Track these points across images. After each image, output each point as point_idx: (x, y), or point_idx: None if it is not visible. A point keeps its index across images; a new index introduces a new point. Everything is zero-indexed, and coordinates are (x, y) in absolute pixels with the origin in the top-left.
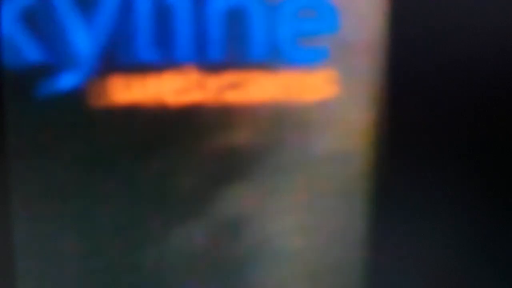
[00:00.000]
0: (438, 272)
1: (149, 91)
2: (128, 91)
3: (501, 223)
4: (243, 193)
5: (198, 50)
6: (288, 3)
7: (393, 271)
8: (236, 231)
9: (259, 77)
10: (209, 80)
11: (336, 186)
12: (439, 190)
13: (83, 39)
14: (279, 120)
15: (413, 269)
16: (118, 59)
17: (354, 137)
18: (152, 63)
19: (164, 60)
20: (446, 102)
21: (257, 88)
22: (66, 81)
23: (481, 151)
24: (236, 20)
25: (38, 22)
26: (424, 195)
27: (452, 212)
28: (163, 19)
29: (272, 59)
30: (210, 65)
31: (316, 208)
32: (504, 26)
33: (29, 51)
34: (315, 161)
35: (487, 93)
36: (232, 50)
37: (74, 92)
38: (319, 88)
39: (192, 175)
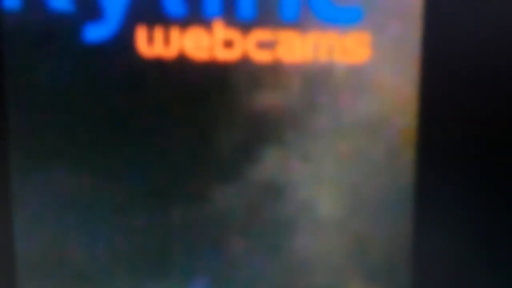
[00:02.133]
0: (479, 248)
1: (175, 47)
2: (154, 45)
3: None
4: (278, 156)
5: (226, 7)
6: None
7: (436, 241)
8: (274, 195)
9: (290, 38)
10: (237, 38)
11: (372, 152)
12: (480, 159)
13: None
14: (311, 83)
15: (455, 238)
16: (144, 12)
17: (388, 102)
18: (179, 18)
19: (191, 15)
20: (480, 71)
21: (287, 49)
22: (92, 33)
23: None
24: None
25: None
26: (466, 160)
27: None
28: None
29: (304, 18)
30: (238, 22)
31: (355, 175)
32: None
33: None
34: (350, 126)
35: None
36: (262, 8)
37: (99, 45)
38: (352, 51)
39: (222, 137)
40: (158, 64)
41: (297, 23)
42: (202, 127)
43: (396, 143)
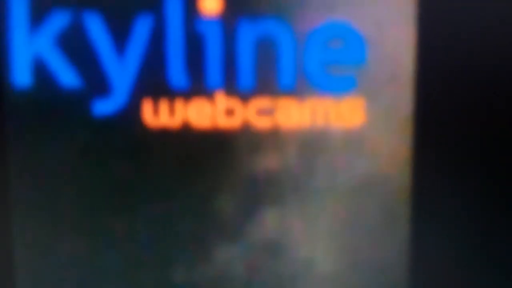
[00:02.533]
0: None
1: (179, 117)
2: (159, 117)
3: None
4: (277, 217)
5: (227, 78)
6: (317, 33)
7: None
8: (274, 254)
9: (287, 105)
10: (238, 107)
11: (368, 211)
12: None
13: (116, 66)
14: (308, 147)
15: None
16: (149, 85)
17: (382, 162)
18: (183, 90)
19: (195, 87)
20: (474, 129)
21: (285, 116)
22: (100, 107)
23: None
24: (265, 48)
25: (72, 48)
26: (460, 213)
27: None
28: (194, 47)
29: (301, 87)
30: (239, 92)
31: (352, 233)
32: None
33: (64, 76)
34: (345, 186)
35: None
36: (261, 78)
37: (107, 118)
38: (347, 116)
39: (223, 200)
40: (164, 134)
41: (294, 91)
42: (205, 191)
43: (392, 202)
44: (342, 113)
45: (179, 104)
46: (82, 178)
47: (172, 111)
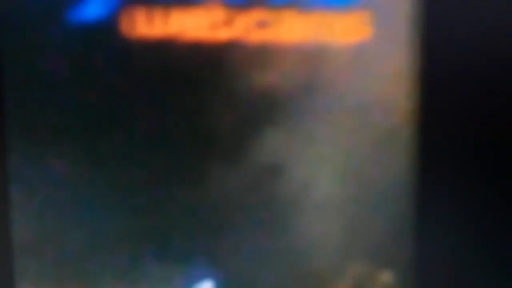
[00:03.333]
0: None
1: (173, 27)
2: (151, 25)
3: None
4: (276, 137)
5: None
6: None
7: (439, 221)
8: (274, 176)
9: (288, 17)
10: (235, 18)
11: (373, 134)
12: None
13: None
14: (308, 63)
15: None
16: None
17: (389, 82)
18: None
19: None
20: (486, 41)
21: (286, 28)
22: (89, 11)
23: None
24: None
25: None
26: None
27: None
28: None
29: None
30: (237, 2)
31: (355, 156)
32: None
33: None
34: (348, 106)
35: None
36: None
37: (96, 24)
38: (351, 31)
39: (221, 117)
40: (151, 46)
41: (294, 2)
42: (197, 109)
43: (398, 122)
44: (345, 27)
45: (170, 14)
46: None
47: (163, 21)
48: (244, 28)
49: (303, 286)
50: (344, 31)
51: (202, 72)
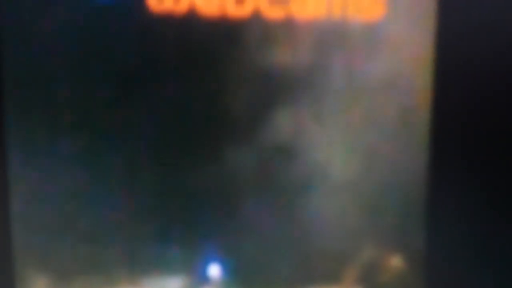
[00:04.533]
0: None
1: (185, 3)
2: (163, 2)
3: None
4: (290, 116)
5: None
6: None
7: (451, 207)
8: (287, 156)
9: None
10: None
11: (388, 114)
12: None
13: None
14: (323, 40)
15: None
16: None
17: (405, 61)
18: None
19: None
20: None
21: (299, 5)
22: None
23: None
24: None
25: None
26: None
27: None
28: None
29: None
30: None
31: (369, 136)
32: None
33: None
34: (363, 84)
35: None
36: None
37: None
38: (366, 7)
39: (237, 95)
40: (168, 21)
41: None
42: (213, 85)
43: (412, 103)
44: (361, 4)
45: None
46: (82, 68)
47: None
48: (258, 4)
49: (313, 269)
50: (360, 8)
51: (218, 49)
